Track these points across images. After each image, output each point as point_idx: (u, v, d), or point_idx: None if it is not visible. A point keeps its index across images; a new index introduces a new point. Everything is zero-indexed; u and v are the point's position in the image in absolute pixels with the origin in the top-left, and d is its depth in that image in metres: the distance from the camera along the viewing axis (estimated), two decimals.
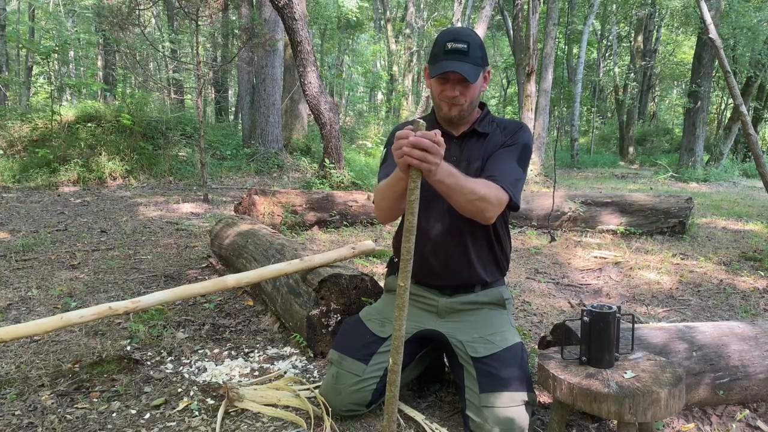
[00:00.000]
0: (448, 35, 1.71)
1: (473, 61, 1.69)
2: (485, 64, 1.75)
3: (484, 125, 1.83)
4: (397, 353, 1.39)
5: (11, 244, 4.26)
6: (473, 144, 1.82)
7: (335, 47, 20.49)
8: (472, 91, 1.73)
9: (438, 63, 1.70)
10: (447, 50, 1.68)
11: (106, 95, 15.98)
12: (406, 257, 1.37)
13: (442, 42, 1.71)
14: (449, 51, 1.68)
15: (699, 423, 1.83)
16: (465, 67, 1.66)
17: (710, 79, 12.67)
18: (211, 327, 2.64)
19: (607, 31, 21.45)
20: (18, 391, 1.95)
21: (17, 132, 8.87)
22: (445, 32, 1.75)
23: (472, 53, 1.68)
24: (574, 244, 4.78)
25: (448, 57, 1.68)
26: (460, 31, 1.74)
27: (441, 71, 1.67)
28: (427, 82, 1.80)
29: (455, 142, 1.82)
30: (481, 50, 1.72)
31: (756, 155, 4.42)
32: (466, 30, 1.77)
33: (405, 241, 1.36)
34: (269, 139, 10.75)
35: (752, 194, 9.22)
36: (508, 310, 1.90)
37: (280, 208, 4.86)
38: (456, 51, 1.68)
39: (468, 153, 1.80)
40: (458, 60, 1.67)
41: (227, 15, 13.06)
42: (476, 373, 1.67)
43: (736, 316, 3.00)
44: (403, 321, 1.37)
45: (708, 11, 4.44)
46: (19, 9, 18.73)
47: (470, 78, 1.66)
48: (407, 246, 1.35)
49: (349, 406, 1.76)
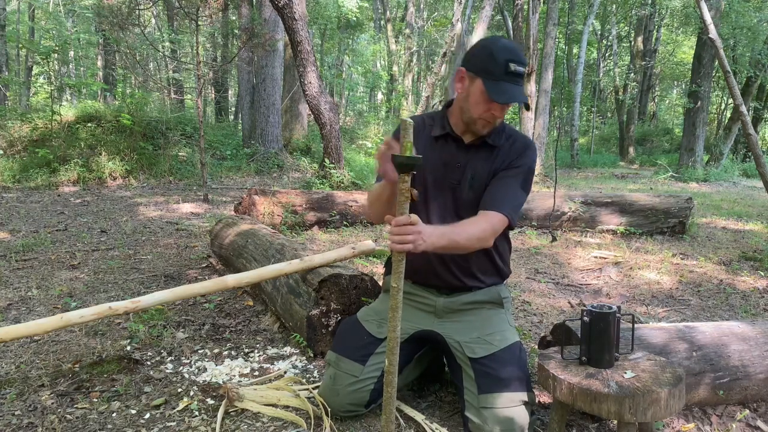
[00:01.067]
0: (508, 53, 1.61)
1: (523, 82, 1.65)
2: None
3: (495, 137, 1.78)
4: (393, 354, 1.39)
5: (11, 244, 4.26)
6: (482, 155, 1.77)
7: (335, 47, 20.50)
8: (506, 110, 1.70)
9: (499, 84, 1.61)
10: (509, 71, 1.60)
11: (106, 95, 15.98)
12: (398, 258, 1.37)
13: (502, 60, 1.60)
14: (511, 73, 1.60)
15: (699, 423, 1.83)
16: (523, 94, 1.62)
17: (710, 79, 12.67)
18: (211, 327, 2.64)
19: (607, 31, 21.46)
20: (18, 391, 1.95)
21: (17, 132, 8.87)
22: (503, 48, 1.62)
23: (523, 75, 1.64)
24: (574, 244, 4.78)
25: (509, 80, 1.60)
26: (519, 52, 1.64)
27: (508, 100, 1.60)
28: (460, 86, 1.71)
29: (464, 148, 1.78)
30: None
31: (756, 155, 4.42)
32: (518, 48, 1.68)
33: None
34: (269, 139, 10.75)
35: (752, 194, 9.22)
36: (506, 309, 1.90)
37: (280, 208, 4.86)
38: (518, 74, 1.61)
39: (475, 164, 1.77)
40: (519, 84, 1.62)
41: (227, 15, 13.07)
42: (474, 374, 1.67)
43: (736, 316, 3.00)
44: (398, 322, 1.37)
45: (708, 11, 4.44)
46: (19, 9, 18.73)
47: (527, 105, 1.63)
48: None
49: (348, 406, 1.76)
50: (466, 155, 1.78)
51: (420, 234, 1.40)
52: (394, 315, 1.36)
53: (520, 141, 1.80)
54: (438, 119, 1.82)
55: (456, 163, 1.77)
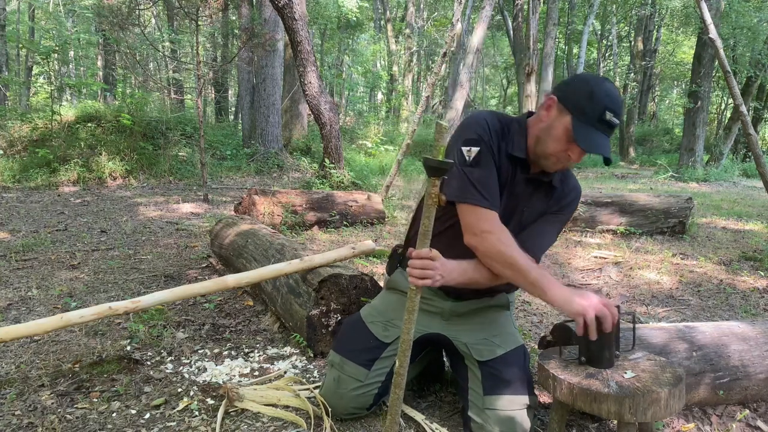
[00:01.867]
0: (609, 100, 1.49)
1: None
2: None
3: (557, 179, 1.69)
4: (404, 356, 1.39)
5: (11, 244, 4.26)
6: (541, 193, 1.69)
7: (335, 47, 20.50)
8: None
9: (589, 129, 1.49)
10: (603, 119, 1.48)
11: (106, 95, 15.98)
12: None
13: (600, 105, 1.48)
14: (605, 122, 1.49)
15: (699, 423, 1.83)
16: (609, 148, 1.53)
17: (710, 79, 12.66)
18: (211, 327, 2.64)
19: (607, 31, 21.46)
20: (18, 391, 1.95)
21: (17, 132, 8.87)
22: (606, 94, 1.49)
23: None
24: (574, 244, 4.78)
25: (600, 128, 1.50)
26: (620, 102, 1.52)
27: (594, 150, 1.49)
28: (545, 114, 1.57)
29: (525, 179, 1.66)
30: None
31: (756, 155, 4.42)
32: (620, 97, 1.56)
33: (419, 245, 1.37)
34: (269, 139, 10.76)
35: (752, 194, 9.22)
36: (510, 312, 1.90)
37: (280, 208, 4.86)
38: (612, 126, 1.51)
39: (532, 201, 1.69)
40: (608, 136, 1.52)
41: (227, 15, 13.07)
42: (481, 375, 1.67)
43: (736, 316, 3.00)
44: (413, 325, 1.38)
45: (708, 11, 4.44)
46: (19, 9, 18.73)
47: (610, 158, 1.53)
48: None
49: (351, 409, 1.76)
50: (526, 187, 1.67)
51: (438, 270, 1.40)
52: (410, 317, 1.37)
53: (570, 186, 1.73)
54: (517, 135, 1.63)
55: (514, 192, 1.66)
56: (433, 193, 1.31)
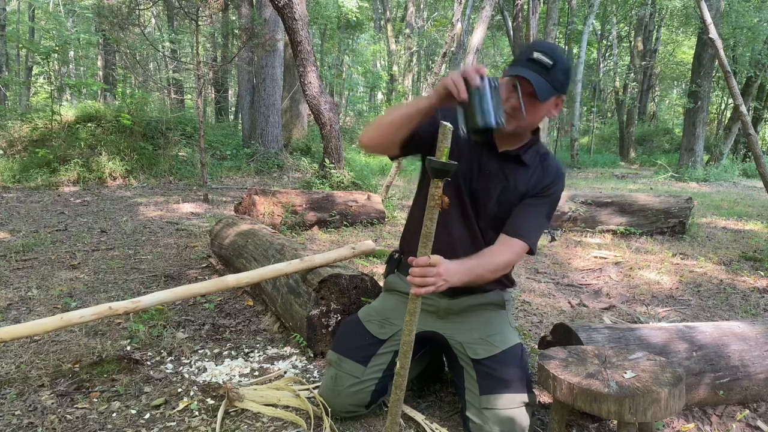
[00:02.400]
0: (539, 45, 1.61)
1: (551, 81, 1.57)
2: (562, 91, 1.63)
3: (529, 156, 1.72)
4: (406, 357, 1.39)
5: (11, 244, 4.26)
6: (516, 169, 1.72)
7: (335, 47, 20.49)
8: (536, 110, 1.61)
9: (516, 67, 1.60)
10: (531, 58, 1.57)
11: (106, 95, 15.97)
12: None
13: (529, 49, 1.60)
14: (533, 60, 1.57)
15: (699, 423, 1.83)
16: (540, 82, 1.55)
17: (710, 79, 12.66)
18: (211, 327, 2.64)
19: (607, 31, 21.45)
20: (18, 391, 1.95)
21: (17, 132, 8.87)
22: (537, 42, 1.67)
23: (554, 72, 1.57)
24: (575, 244, 4.78)
25: (529, 65, 1.57)
26: (552, 47, 1.62)
27: (516, 73, 1.57)
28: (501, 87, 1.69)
29: (495, 157, 1.72)
30: (564, 75, 1.60)
31: (756, 155, 4.42)
32: (559, 49, 1.64)
33: (422, 247, 1.36)
34: (269, 139, 10.75)
35: (752, 194, 9.22)
36: (508, 311, 1.89)
37: (280, 208, 4.86)
38: (540, 63, 1.56)
39: (507, 176, 1.71)
40: (537, 72, 1.56)
41: (227, 15, 13.07)
42: (476, 374, 1.67)
43: (736, 316, 3.00)
44: (414, 326, 1.37)
45: (708, 11, 4.44)
46: (19, 9, 18.74)
47: (540, 94, 1.55)
48: (423, 252, 1.36)
49: (348, 407, 1.76)
50: (498, 164, 1.71)
51: (441, 276, 1.40)
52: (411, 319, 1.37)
53: (553, 167, 1.75)
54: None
55: (485, 170, 1.71)
56: (436, 194, 1.31)
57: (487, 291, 1.84)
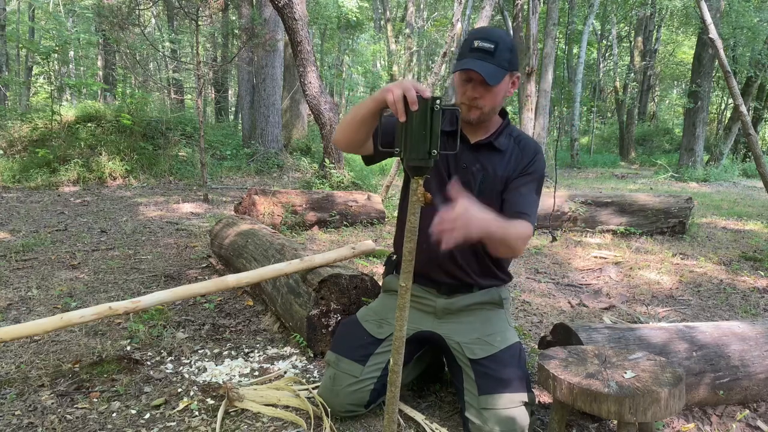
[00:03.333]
0: (477, 33, 1.65)
1: (498, 63, 1.61)
2: (513, 68, 1.67)
3: (501, 141, 1.75)
4: (398, 354, 1.38)
5: (11, 244, 4.26)
6: (491, 157, 1.75)
7: (335, 47, 20.50)
8: (493, 95, 1.66)
9: (462, 60, 1.63)
10: (473, 48, 1.61)
11: (106, 95, 15.98)
12: (408, 258, 1.36)
13: (470, 39, 1.64)
14: (475, 49, 1.61)
15: (699, 423, 1.83)
16: (487, 68, 1.59)
17: (710, 79, 12.66)
18: (211, 327, 2.64)
19: (607, 31, 21.45)
20: (18, 391, 1.95)
21: (17, 132, 8.87)
22: (475, 30, 1.69)
23: (498, 54, 1.61)
24: (574, 244, 4.78)
25: (472, 55, 1.61)
26: (490, 31, 1.66)
27: (461, 67, 1.61)
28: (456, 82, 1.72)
29: (469, 148, 1.75)
30: (510, 53, 1.63)
31: (756, 155, 4.42)
32: (497, 30, 1.68)
33: (407, 242, 1.35)
34: (269, 139, 10.76)
35: (752, 194, 9.22)
36: (506, 310, 1.89)
37: (280, 208, 4.86)
38: (481, 50, 1.60)
39: (484, 165, 1.74)
40: (482, 59, 1.60)
41: (227, 15, 13.07)
42: (474, 375, 1.67)
43: (736, 316, 3.00)
44: (404, 321, 1.37)
45: (708, 11, 4.44)
46: (19, 9, 18.74)
47: (490, 80, 1.59)
48: (409, 246, 1.35)
49: (347, 407, 1.76)
50: (472, 155, 1.75)
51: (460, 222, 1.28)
52: (401, 314, 1.36)
53: (529, 146, 1.78)
54: (446, 115, 1.77)
55: (461, 164, 1.74)
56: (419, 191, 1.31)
57: (482, 289, 1.84)
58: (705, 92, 12.30)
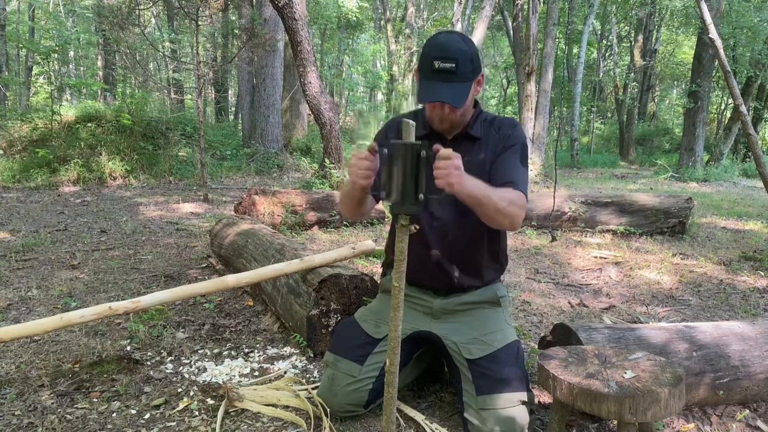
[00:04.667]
0: (435, 50, 1.56)
1: (462, 78, 1.57)
2: (477, 73, 1.63)
3: (476, 128, 1.76)
4: (394, 354, 1.39)
5: (11, 244, 4.26)
6: (468, 147, 1.74)
7: (335, 47, 20.50)
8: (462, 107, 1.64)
9: (424, 83, 1.58)
10: (434, 69, 1.55)
11: (106, 95, 15.98)
12: (400, 258, 1.36)
13: (429, 57, 1.56)
14: (436, 71, 1.55)
15: (699, 423, 1.83)
16: (452, 92, 1.56)
17: (710, 79, 12.65)
18: (211, 327, 2.64)
19: (607, 31, 21.45)
20: (18, 391, 1.95)
21: (17, 132, 8.87)
22: (432, 44, 1.58)
23: (461, 71, 1.56)
24: (574, 244, 4.78)
25: (435, 77, 1.56)
26: (448, 46, 1.57)
27: (428, 99, 1.58)
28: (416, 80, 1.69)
29: (448, 144, 1.74)
30: (471, 62, 1.58)
31: (756, 155, 4.42)
32: (453, 41, 1.59)
33: (398, 242, 1.35)
34: (269, 139, 10.76)
35: (752, 194, 9.22)
36: (504, 308, 1.88)
37: (280, 208, 4.86)
38: (443, 71, 1.55)
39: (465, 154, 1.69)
40: (445, 81, 1.56)
41: (227, 15, 13.06)
42: (472, 375, 1.66)
43: (736, 316, 3.00)
44: (399, 321, 1.37)
45: (708, 11, 4.44)
46: (19, 9, 18.73)
47: (458, 103, 1.57)
48: (400, 246, 1.35)
49: (346, 407, 1.76)
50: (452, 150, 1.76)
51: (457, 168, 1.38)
52: (395, 314, 1.36)
53: (505, 122, 1.78)
54: (419, 116, 1.77)
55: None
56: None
57: (479, 288, 1.84)
58: (705, 92, 12.29)
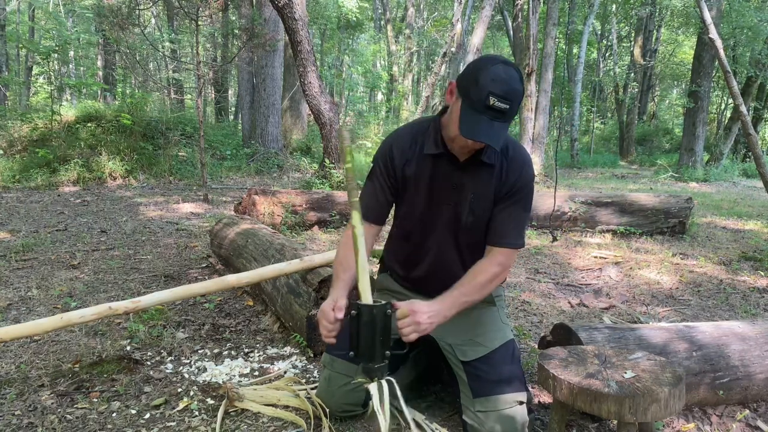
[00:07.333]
0: (495, 85, 1.43)
1: (509, 118, 1.48)
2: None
3: (490, 155, 1.64)
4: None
5: (11, 244, 4.26)
6: (480, 174, 1.65)
7: (335, 47, 20.48)
8: None
9: (472, 116, 1.46)
10: (488, 105, 1.43)
11: (106, 95, 15.98)
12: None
13: (485, 90, 1.43)
14: (491, 108, 1.44)
15: (699, 423, 1.83)
16: (499, 134, 1.46)
17: (710, 79, 12.66)
18: (211, 327, 2.64)
19: (607, 31, 21.46)
20: (18, 391, 1.95)
21: (17, 132, 8.87)
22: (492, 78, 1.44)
23: (511, 112, 1.46)
24: (575, 244, 4.78)
25: (486, 113, 1.45)
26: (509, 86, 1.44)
27: (474, 137, 1.46)
28: (449, 98, 1.57)
29: (459, 168, 1.66)
30: (519, 102, 1.49)
31: (756, 155, 4.42)
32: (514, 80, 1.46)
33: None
34: (269, 139, 10.76)
35: (752, 194, 9.22)
36: (499, 307, 1.86)
37: (280, 208, 4.86)
38: (498, 110, 1.44)
39: (475, 185, 1.66)
40: (494, 119, 1.45)
41: (227, 15, 13.06)
42: (467, 377, 1.66)
43: (736, 316, 3.00)
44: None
45: (708, 11, 4.44)
46: (19, 9, 18.73)
47: (500, 146, 1.49)
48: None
49: (344, 407, 1.75)
50: (462, 175, 1.66)
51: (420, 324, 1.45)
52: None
53: (517, 157, 1.67)
54: (431, 134, 1.67)
55: (452, 183, 1.67)
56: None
57: None
58: (705, 92, 12.29)
